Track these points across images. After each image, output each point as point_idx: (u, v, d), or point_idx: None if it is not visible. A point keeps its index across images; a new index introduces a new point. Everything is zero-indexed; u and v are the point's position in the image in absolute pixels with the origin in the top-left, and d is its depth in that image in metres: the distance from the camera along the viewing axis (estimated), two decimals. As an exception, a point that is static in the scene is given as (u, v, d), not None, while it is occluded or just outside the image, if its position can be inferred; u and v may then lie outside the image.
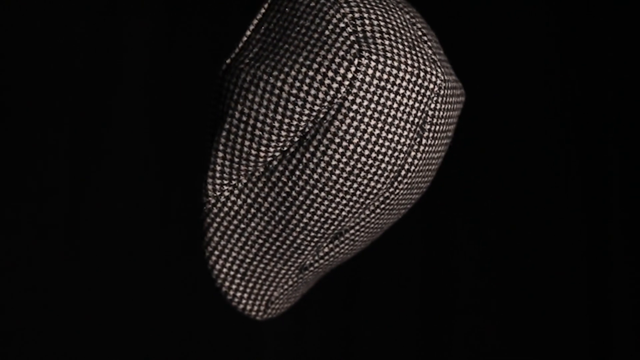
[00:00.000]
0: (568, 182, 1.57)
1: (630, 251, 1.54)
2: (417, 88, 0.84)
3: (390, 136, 0.84)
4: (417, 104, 0.85)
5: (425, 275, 1.59)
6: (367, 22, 0.84)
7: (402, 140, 0.85)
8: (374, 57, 0.82)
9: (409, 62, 0.84)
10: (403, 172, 0.87)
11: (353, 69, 0.82)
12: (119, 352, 1.54)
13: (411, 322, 1.59)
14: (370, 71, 0.82)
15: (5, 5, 1.48)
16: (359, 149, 0.84)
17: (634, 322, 1.55)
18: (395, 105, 0.83)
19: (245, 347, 1.58)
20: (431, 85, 0.85)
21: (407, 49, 0.84)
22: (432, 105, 0.86)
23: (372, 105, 0.83)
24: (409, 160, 0.86)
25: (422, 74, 0.84)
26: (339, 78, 0.82)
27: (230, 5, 1.53)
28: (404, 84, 0.83)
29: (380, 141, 0.84)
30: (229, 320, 1.52)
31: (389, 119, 0.84)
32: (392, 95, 0.83)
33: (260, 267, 0.92)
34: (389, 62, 0.83)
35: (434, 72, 0.85)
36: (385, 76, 0.82)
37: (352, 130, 0.83)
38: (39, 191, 1.50)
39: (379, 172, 0.85)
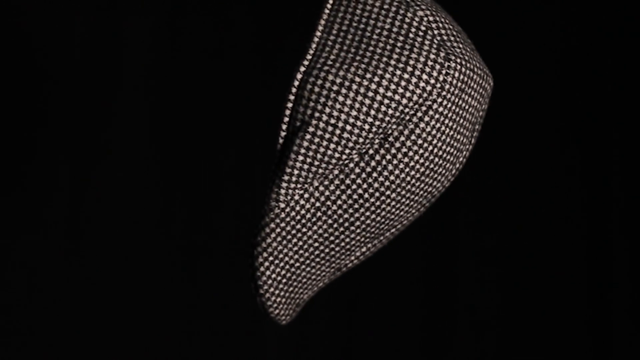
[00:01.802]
0: (570, 183, 1.58)
1: (630, 251, 1.57)
2: (481, 90, 0.87)
3: (458, 137, 0.87)
4: (479, 105, 0.88)
5: (428, 275, 1.57)
6: (440, 25, 0.86)
7: (465, 140, 0.88)
8: (458, 60, 0.84)
9: (478, 64, 0.87)
10: (454, 172, 0.89)
11: (444, 72, 0.83)
12: (120, 352, 1.49)
13: (413, 321, 1.58)
14: (457, 74, 0.84)
15: (5, 5, 1.39)
16: (435, 150, 0.85)
17: (634, 323, 1.57)
18: (466, 107, 0.86)
19: (248, 347, 1.54)
20: (488, 88, 0.89)
21: (472, 53, 0.87)
22: (484, 107, 0.89)
23: (453, 107, 0.85)
24: (461, 159, 0.89)
25: (485, 76, 0.88)
26: (432, 81, 0.83)
27: (231, 5, 1.46)
28: (475, 86, 0.86)
29: (452, 142, 0.86)
30: (231, 320, 1.50)
31: (461, 120, 0.86)
32: (466, 97, 0.86)
33: (305, 271, 0.90)
34: (468, 65, 0.85)
35: (490, 75, 0.89)
36: (465, 79, 0.85)
37: (433, 132, 0.85)
38: (40, 191, 1.46)
39: (443, 172, 0.88)
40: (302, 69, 0.85)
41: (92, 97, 1.48)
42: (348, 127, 0.83)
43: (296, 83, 0.85)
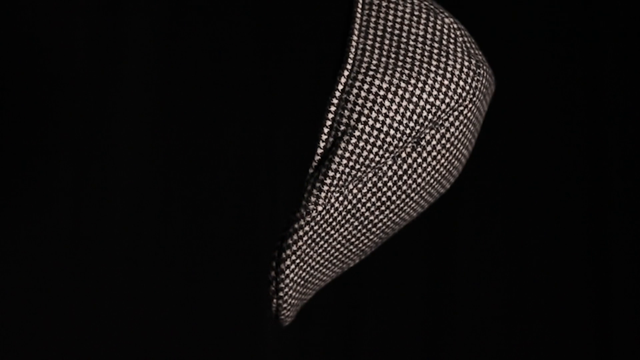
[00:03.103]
0: (570, 183, 1.56)
1: (631, 251, 1.56)
2: (490, 94, 0.92)
3: (472, 139, 0.91)
4: (487, 108, 0.92)
5: (428, 275, 1.52)
6: (462, 32, 0.89)
7: (474, 142, 0.92)
8: (484, 67, 0.88)
9: (490, 70, 0.91)
10: (461, 171, 0.93)
11: (476, 78, 0.87)
12: (120, 352, 1.45)
13: (414, 321, 1.54)
14: (483, 80, 0.88)
15: (6, 5, 1.33)
16: (456, 153, 0.89)
17: (634, 323, 1.56)
18: (482, 111, 0.90)
19: (248, 347, 1.50)
20: (494, 90, 0.93)
21: (484, 57, 0.91)
22: (487, 109, 0.94)
23: (476, 112, 0.88)
24: (468, 159, 0.93)
25: (494, 81, 0.92)
26: (467, 87, 0.86)
27: (231, 4, 1.37)
28: (489, 91, 0.91)
29: (468, 144, 0.90)
30: (231, 321, 1.48)
31: (477, 124, 0.90)
32: (484, 102, 0.90)
33: (320, 272, 0.90)
34: (488, 71, 0.89)
35: (494, 79, 0.93)
36: (487, 84, 0.89)
37: (460, 136, 0.88)
38: (40, 192, 1.41)
39: (456, 173, 0.91)
40: (346, 72, 0.85)
41: (92, 98, 1.43)
42: (392, 132, 0.84)
43: (340, 87, 0.85)
